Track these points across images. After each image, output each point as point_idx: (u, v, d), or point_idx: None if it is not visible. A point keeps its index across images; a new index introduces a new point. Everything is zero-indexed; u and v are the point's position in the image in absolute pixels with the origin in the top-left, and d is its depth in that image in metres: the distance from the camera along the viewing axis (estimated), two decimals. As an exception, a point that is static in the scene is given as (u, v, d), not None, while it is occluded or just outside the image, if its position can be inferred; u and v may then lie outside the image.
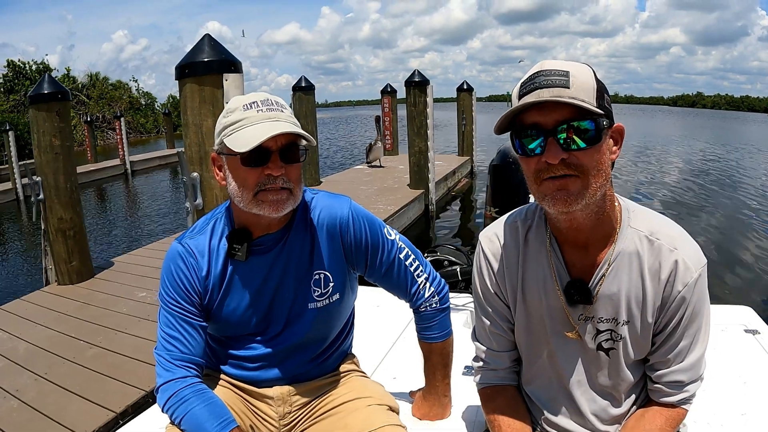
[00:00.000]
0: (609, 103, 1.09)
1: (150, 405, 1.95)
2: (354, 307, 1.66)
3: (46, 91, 5.11)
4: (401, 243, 1.57)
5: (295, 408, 1.52)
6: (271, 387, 1.50)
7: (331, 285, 1.48)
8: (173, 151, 21.16)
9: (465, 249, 3.17)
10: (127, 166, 19.11)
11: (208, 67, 3.24)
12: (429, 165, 9.88)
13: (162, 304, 1.43)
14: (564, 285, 1.22)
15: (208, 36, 3.37)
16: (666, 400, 1.24)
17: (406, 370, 2.10)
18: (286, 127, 1.30)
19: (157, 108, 44.27)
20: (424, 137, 9.92)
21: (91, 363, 3.78)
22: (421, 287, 1.59)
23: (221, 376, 1.53)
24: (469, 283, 1.45)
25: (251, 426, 1.50)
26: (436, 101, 10.26)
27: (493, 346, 1.38)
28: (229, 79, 3.25)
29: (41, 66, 34.79)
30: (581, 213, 1.12)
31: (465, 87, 15.61)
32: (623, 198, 1.23)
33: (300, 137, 1.35)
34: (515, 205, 1.37)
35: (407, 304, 1.65)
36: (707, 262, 1.18)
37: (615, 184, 1.20)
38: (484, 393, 1.43)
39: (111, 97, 39.50)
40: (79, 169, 7.06)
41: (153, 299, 4.87)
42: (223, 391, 1.47)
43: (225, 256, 1.43)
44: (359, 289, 1.64)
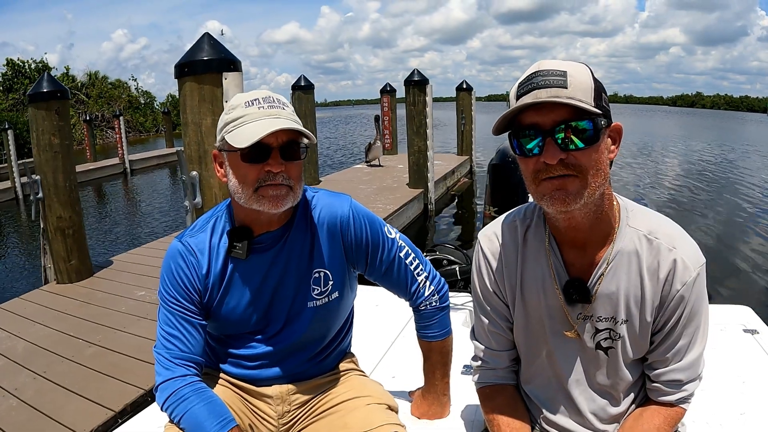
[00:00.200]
0: (607, 103, 1.09)
1: (149, 404, 1.96)
2: (353, 306, 1.66)
3: (45, 90, 5.10)
4: (401, 242, 1.57)
5: (294, 407, 1.52)
6: (271, 386, 1.50)
7: (331, 283, 1.48)
8: (172, 150, 21.14)
9: (464, 248, 3.17)
10: (126, 165, 19.10)
11: (207, 66, 3.24)
12: (428, 164, 9.89)
13: (162, 302, 1.43)
14: (563, 284, 1.22)
15: (207, 35, 3.36)
16: (664, 399, 1.24)
17: (405, 369, 2.10)
18: (286, 124, 1.30)
19: (157, 107, 44.27)
20: (423, 136, 9.92)
21: (90, 362, 3.77)
22: (421, 286, 1.59)
23: (220, 374, 1.53)
24: (468, 283, 1.45)
25: (250, 425, 1.49)
26: (435, 101, 10.26)
27: (492, 345, 1.38)
28: (229, 78, 3.24)
29: (40, 65, 34.74)
30: (580, 212, 1.12)
31: (464, 86, 15.59)
32: (622, 197, 1.23)
33: (301, 135, 1.35)
34: (514, 205, 1.37)
35: (407, 302, 1.65)
36: (706, 261, 1.18)
37: (614, 183, 1.20)
38: (482, 392, 1.43)
39: (110, 96, 39.46)
40: (78, 168, 7.05)
41: (152, 298, 4.87)
42: (223, 390, 1.47)
43: (225, 254, 1.43)
44: (358, 288, 1.64)
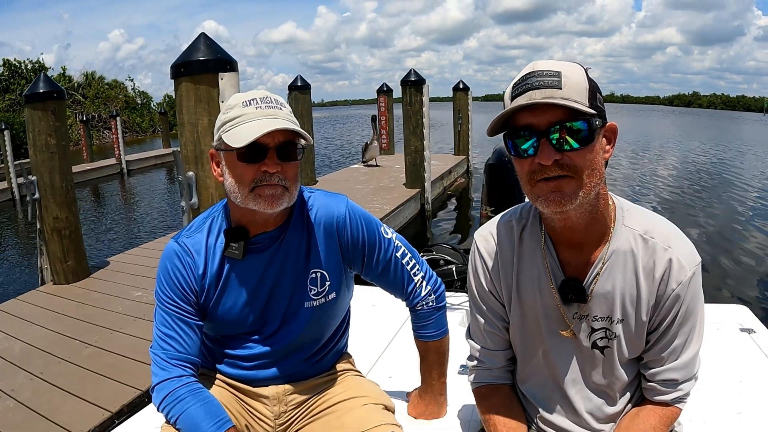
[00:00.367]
0: (602, 103, 1.09)
1: (146, 404, 1.95)
2: (350, 307, 1.65)
3: (41, 90, 5.09)
4: (398, 242, 1.57)
5: (291, 407, 1.52)
6: (267, 386, 1.50)
7: (328, 284, 1.48)
8: (169, 151, 21.10)
9: (461, 248, 3.17)
10: (123, 165, 19.04)
11: (203, 66, 3.23)
12: (425, 164, 9.87)
13: (158, 302, 1.43)
14: (558, 284, 1.22)
15: (203, 35, 3.35)
16: (660, 398, 1.24)
17: (401, 369, 2.10)
18: (283, 124, 1.30)
19: (153, 107, 44.12)
20: (420, 136, 9.91)
21: (87, 362, 3.77)
22: (418, 286, 1.59)
23: (217, 375, 1.52)
24: (465, 283, 1.45)
25: (247, 425, 1.49)
26: (432, 100, 10.25)
27: (488, 344, 1.38)
28: (225, 78, 3.24)
29: (37, 65, 34.64)
30: (575, 212, 1.12)
31: (461, 86, 15.59)
32: (617, 197, 1.23)
33: (298, 136, 1.34)
34: (511, 204, 1.37)
35: (403, 302, 1.65)
36: (702, 261, 1.18)
37: (610, 183, 1.20)
38: (478, 392, 1.43)
39: (107, 97, 39.32)
40: (75, 169, 7.03)
41: (149, 298, 4.86)
42: (219, 391, 1.47)
43: (222, 254, 1.43)
44: (355, 289, 1.64)
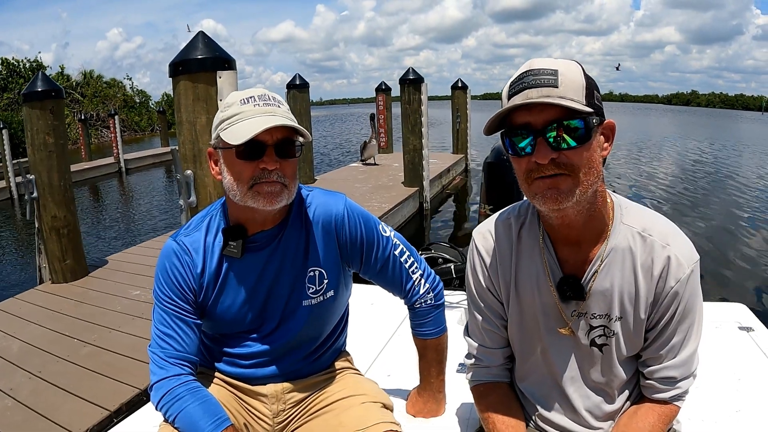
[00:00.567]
0: (599, 100, 1.09)
1: (144, 403, 1.95)
2: (348, 305, 1.65)
3: (39, 89, 5.08)
4: (396, 240, 1.57)
5: (289, 405, 1.52)
6: (265, 384, 1.50)
7: (326, 282, 1.48)
8: (167, 149, 21.08)
9: (459, 246, 3.16)
10: (122, 164, 19.02)
11: (201, 65, 3.23)
12: (423, 163, 9.87)
13: (156, 301, 1.42)
14: (557, 281, 1.22)
15: (201, 33, 3.35)
16: (658, 396, 1.24)
17: (400, 367, 2.10)
18: (281, 121, 1.30)
19: (152, 106, 44.09)
20: (418, 135, 9.90)
21: (86, 361, 3.76)
22: (416, 284, 1.59)
23: (215, 374, 1.52)
24: (463, 281, 1.45)
25: (245, 424, 1.49)
26: (430, 99, 10.24)
27: (486, 342, 1.39)
28: (223, 77, 3.24)
29: (35, 64, 34.56)
30: (572, 210, 1.12)
31: (460, 85, 15.59)
32: (616, 194, 1.23)
33: (296, 133, 1.35)
34: (509, 202, 1.37)
35: (402, 301, 1.65)
36: (701, 259, 1.18)
37: (608, 181, 1.20)
38: (476, 390, 1.43)
39: (105, 95, 39.26)
40: (73, 167, 7.02)
41: (147, 297, 4.85)
42: (217, 389, 1.47)
43: (220, 253, 1.42)
44: (353, 287, 1.64)
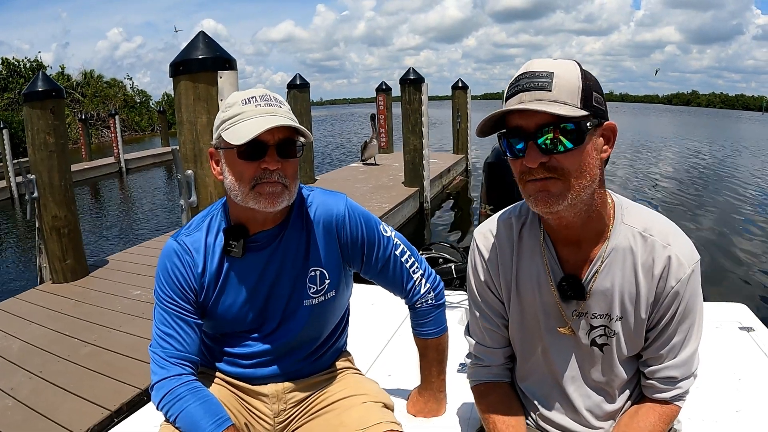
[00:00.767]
0: (599, 102, 1.09)
1: (145, 403, 1.95)
2: (349, 305, 1.65)
3: (40, 89, 5.08)
4: (397, 240, 1.57)
5: (290, 405, 1.52)
6: (266, 384, 1.50)
7: (327, 282, 1.48)
8: (168, 149, 21.08)
9: (460, 246, 3.16)
10: (122, 164, 19.03)
11: (202, 65, 3.23)
12: (424, 163, 9.88)
13: (157, 301, 1.43)
14: (557, 281, 1.22)
15: (202, 33, 3.35)
16: (659, 396, 1.24)
17: (401, 367, 2.10)
18: (283, 121, 1.30)
19: (152, 106, 44.08)
20: (419, 135, 9.90)
21: (86, 361, 3.76)
22: (417, 283, 1.59)
23: (216, 373, 1.52)
24: (464, 281, 1.45)
25: (246, 424, 1.49)
26: (431, 99, 10.25)
27: (487, 342, 1.39)
28: (224, 77, 3.24)
29: (35, 64, 34.56)
30: (568, 212, 1.12)
31: (460, 85, 15.60)
32: (617, 195, 1.23)
33: (297, 133, 1.35)
34: (510, 203, 1.37)
35: (402, 300, 1.65)
36: (701, 259, 1.18)
37: (609, 181, 1.20)
38: (477, 389, 1.43)
39: (105, 95, 39.24)
40: (74, 167, 7.03)
41: (148, 297, 4.85)
42: (218, 389, 1.47)
43: (221, 252, 1.43)
44: (354, 287, 1.64)
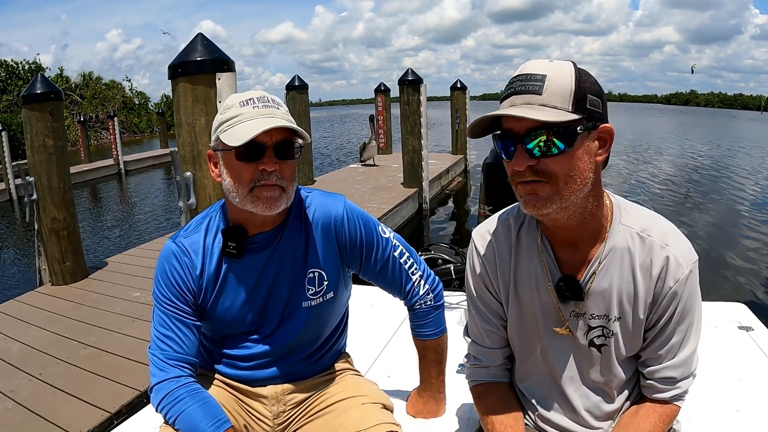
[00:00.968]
0: (594, 104, 1.08)
1: (144, 405, 1.95)
2: (348, 306, 1.66)
3: (38, 91, 5.08)
4: (395, 241, 1.57)
5: (290, 407, 1.52)
6: (265, 386, 1.50)
7: (326, 283, 1.48)
8: (167, 151, 21.08)
9: (459, 247, 3.16)
10: (121, 166, 19.02)
11: (200, 67, 3.23)
12: (423, 164, 9.88)
13: (156, 303, 1.43)
14: (555, 281, 1.22)
15: (200, 35, 3.35)
16: (658, 396, 1.24)
17: (400, 368, 2.10)
18: (280, 123, 1.30)
19: (151, 108, 44.01)
20: (417, 136, 9.91)
21: (85, 363, 3.76)
22: (416, 285, 1.59)
23: (215, 375, 1.52)
24: (463, 282, 1.45)
25: (245, 425, 1.49)
26: (429, 100, 10.26)
27: (486, 343, 1.39)
28: (222, 78, 3.24)
29: (34, 66, 34.53)
30: (560, 214, 1.12)
31: (458, 85, 15.61)
32: (615, 195, 1.23)
33: (295, 135, 1.35)
34: (508, 203, 1.37)
35: (401, 302, 1.65)
36: (701, 259, 1.18)
37: (605, 181, 1.20)
38: (476, 390, 1.43)
39: (104, 97, 39.17)
40: (73, 169, 7.02)
41: (147, 299, 4.85)
42: (217, 391, 1.47)
43: (219, 254, 1.43)
44: (353, 288, 1.64)
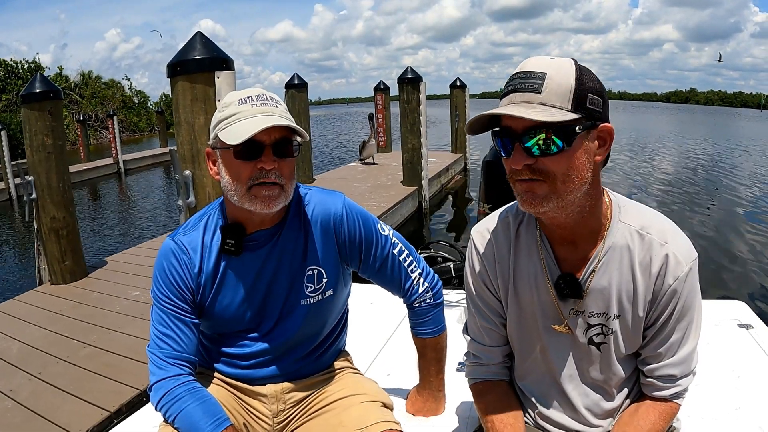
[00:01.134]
0: (595, 103, 1.07)
1: (144, 404, 1.96)
2: (348, 304, 1.65)
3: (38, 90, 5.08)
4: (395, 239, 1.57)
5: (289, 405, 1.51)
6: (265, 384, 1.50)
7: (325, 281, 1.48)
8: (166, 150, 21.08)
9: (458, 245, 3.16)
10: (120, 164, 19.02)
11: (199, 65, 3.22)
12: (422, 162, 9.88)
13: (155, 301, 1.42)
14: (554, 279, 1.22)
15: (199, 33, 3.34)
16: (658, 394, 1.24)
17: (399, 366, 2.10)
18: (279, 121, 1.29)
19: (150, 106, 44.01)
20: (417, 134, 9.91)
21: (85, 362, 3.77)
22: (415, 282, 1.59)
23: (214, 374, 1.52)
24: (463, 280, 1.45)
25: (245, 424, 1.49)
26: (429, 98, 10.25)
27: (485, 341, 1.38)
28: (221, 77, 3.23)
29: (33, 65, 34.50)
30: (558, 213, 1.12)
31: (458, 84, 15.60)
32: (614, 193, 1.23)
33: (294, 133, 1.35)
34: (508, 201, 1.36)
35: (401, 300, 1.65)
36: (700, 257, 1.18)
37: (605, 179, 1.19)
38: (475, 388, 1.42)
39: (104, 96, 39.16)
40: (72, 168, 7.03)
41: (146, 298, 4.85)
42: (217, 389, 1.47)
43: (218, 252, 1.42)
44: (353, 286, 1.64)
